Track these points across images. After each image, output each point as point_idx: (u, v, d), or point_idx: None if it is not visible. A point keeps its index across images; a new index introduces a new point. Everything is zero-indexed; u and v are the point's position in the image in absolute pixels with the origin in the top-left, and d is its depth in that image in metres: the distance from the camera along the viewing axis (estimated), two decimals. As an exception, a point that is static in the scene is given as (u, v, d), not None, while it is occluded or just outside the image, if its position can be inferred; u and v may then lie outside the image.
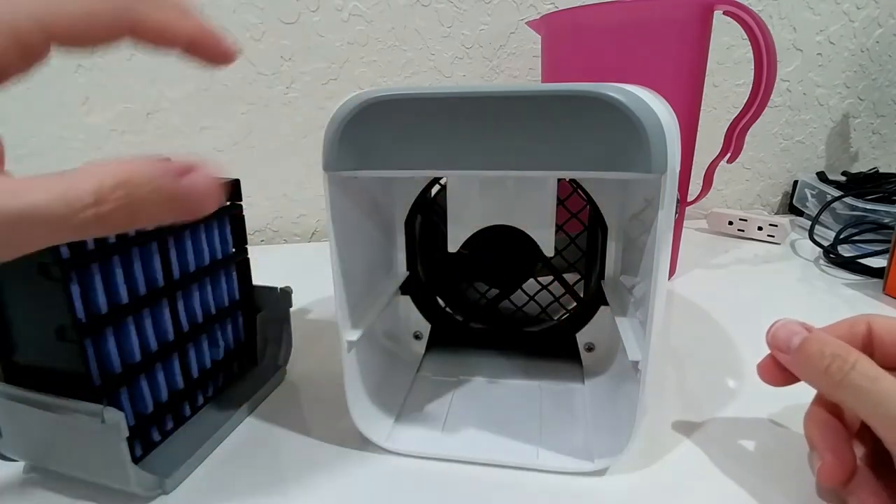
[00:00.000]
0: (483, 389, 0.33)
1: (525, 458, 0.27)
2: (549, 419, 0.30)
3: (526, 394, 0.32)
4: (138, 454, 0.27)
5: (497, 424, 0.30)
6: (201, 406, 0.31)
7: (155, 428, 0.28)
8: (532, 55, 0.64)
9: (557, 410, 0.31)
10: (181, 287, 0.28)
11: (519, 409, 0.31)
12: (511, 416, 0.30)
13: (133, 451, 0.25)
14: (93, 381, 0.24)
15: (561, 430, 0.29)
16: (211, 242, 0.31)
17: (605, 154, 0.21)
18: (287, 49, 0.61)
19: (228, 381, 0.33)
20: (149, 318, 0.27)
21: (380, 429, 0.29)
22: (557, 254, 0.35)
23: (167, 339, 0.28)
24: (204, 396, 0.31)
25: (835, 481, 0.22)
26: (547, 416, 0.30)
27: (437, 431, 0.29)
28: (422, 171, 0.24)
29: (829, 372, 0.21)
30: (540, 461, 0.27)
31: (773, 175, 0.77)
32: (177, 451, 0.28)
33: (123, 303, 0.25)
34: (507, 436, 0.29)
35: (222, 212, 0.31)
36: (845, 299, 0.46)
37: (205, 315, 0.30)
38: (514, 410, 0.31)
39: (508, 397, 0.32)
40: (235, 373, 0.34)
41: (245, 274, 0.33)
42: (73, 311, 0.22)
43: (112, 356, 0.25)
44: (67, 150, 0.60)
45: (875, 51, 0.72)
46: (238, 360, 0.34)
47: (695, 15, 0.42)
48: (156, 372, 0.27)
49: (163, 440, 0.28)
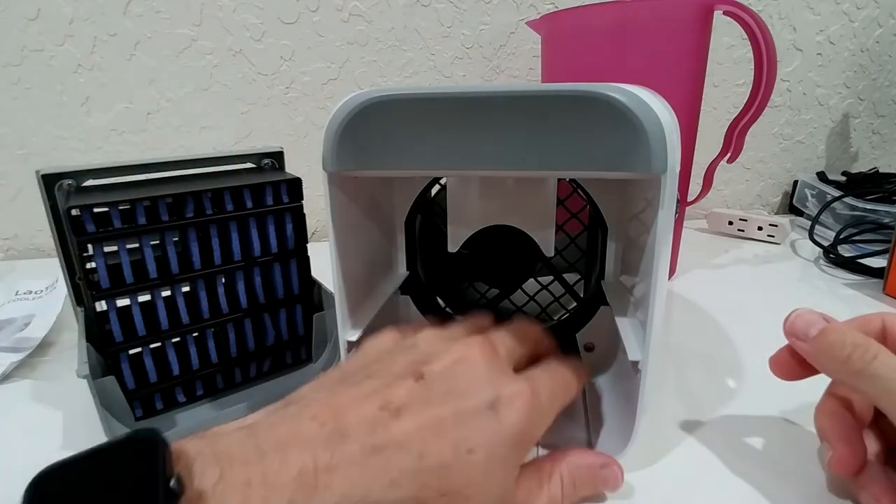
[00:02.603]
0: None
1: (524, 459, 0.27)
2: (549, 419, 0.30)
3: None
4: (159, 408, 0.31)
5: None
6: (240, 384, 0.34)
7: (180, 390, 0.31)
8: (532, 55, 0.64)
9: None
10: (224, 271, 0.31)
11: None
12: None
13: (154, 405, 0.31)
14: (114, 337, 0.28)
15: (561, 430, 0.29)
16: (265, 236, 0.32)
17: (605, 154, 0.21)
18: (287, 49, 0.61)
19: (277, 370, 0.35)
20: (180, 294, 0.30)
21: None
22: (557, 254, 0.35)
23: (202, 315, 0.31)
24: (244, 376, 0.34)
25: (846, 471, 0.23)
26: (547, 416, 0.30)
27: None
28: (422, 171, 0.24)
29: (850, 360, 0.21)
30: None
31: (773, 175, 0.77)
32: (198, 415, 0.31)
33: (152, 277, 0.29)
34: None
35: (283, 209, 0.32)
36: (845, 299, 0.46)
37: (251, 301, 0.32)
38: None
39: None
40: (290, 364, 0.35)
41: (305, 270, 0.34)
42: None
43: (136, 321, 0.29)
44: (67, 150, 0.60)
45: (875, 51, 0.72)
46: (294, 352, 0.35)
47: (695, 15, 0.42)
48: (187, 342, 0.31)
49: (188, 403, 0.32)
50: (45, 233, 0.38)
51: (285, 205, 0.32)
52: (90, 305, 0.29)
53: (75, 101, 0.59)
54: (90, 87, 0.58)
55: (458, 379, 0.21)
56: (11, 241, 0.64)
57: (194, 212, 0.29)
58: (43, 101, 0.58)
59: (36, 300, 0.45)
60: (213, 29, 0.58)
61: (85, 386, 0.26)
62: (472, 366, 0.21)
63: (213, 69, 0.60)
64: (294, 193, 0.32)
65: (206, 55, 0.59)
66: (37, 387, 0.35)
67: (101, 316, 0.28)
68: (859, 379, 0.21)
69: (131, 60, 0.58)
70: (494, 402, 0.20)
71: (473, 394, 0.20)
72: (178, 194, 0.28)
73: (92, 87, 0.58)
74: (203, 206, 0.29)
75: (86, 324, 0.29)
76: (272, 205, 0.31)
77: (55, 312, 0.42)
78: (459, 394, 0.20)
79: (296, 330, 0.35)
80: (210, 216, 0.30)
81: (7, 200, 0.61)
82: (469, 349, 0.22)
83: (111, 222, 0.27)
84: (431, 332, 0.24)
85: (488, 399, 0.20)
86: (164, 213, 0.28)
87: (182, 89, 0.60)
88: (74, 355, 0.27)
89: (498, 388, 0.21)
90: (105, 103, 0.59)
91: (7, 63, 0.56)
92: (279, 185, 0.32)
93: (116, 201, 0.27)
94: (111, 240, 0.27)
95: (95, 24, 0.56)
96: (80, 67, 0.57)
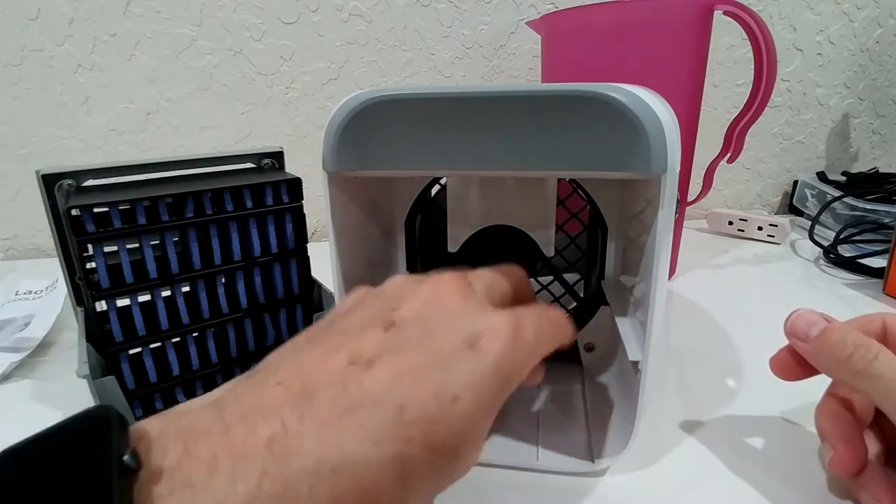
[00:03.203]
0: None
1: (525, 459, 0.27)
2: (549, 419, 0.30)
3: (525, 394, 0.32)
4: (159, 408, 0.31)
5: (496, 425, 0.29)
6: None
7: (180, 390, 0.31)
8: (532, 55, 0.64)
9: (557, 410, 0.31)
10: (224, 271, 0.31)
11: (519, 410, 0.31)
12: (511, 416, 0.30)
13: (154, 405, 0.31)
14: (114, 337, 0.28)
15: (561, 430, 0.29)
16: (265, 236, 0.32)
17: (605, 154, 0.21)
18: (287, 49, 0.61)
19: None
20: (180, 294, 0.30)
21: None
22: (557, 254, 0.35)
23: (202, 315, 0.31)
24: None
25: (846, 471, 0.23)
26: (547, 417, 0.30)
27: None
28: (422, 171, 0.24)
29: (851, 361, 0.21)
30: (540, 462, 0.27)
31: (773, 175, 0.77)
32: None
33: (152, 277, 0.29)
34: (506, 436, 0.28)
35: (283, 209, 0.32)
36: (845, 299, 0.46)
37: (251, 301, 0.32)
38: (513, 411, 0.31)
39: (508, 397, 0.32)
40: None
41: (305, 270, 0.34)
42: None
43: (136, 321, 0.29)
44: (67, 150, 0.60)
45: (875, 51, 0.72)
46: None
47: (695, 15, 0.42)
48: (187, 342, 0.31)
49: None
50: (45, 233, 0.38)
51: (285, 205, 0.32)
52: (90, 305, 0.29)
53: (75, 101, 0.59)
54: (90, 87, 0.58)
55: (432, 319, 0.19)
56: (11, 241, 0.64)
57: (194, 212, 0.29)
58: (43, 101, 0.58)
59: (36, 300, 0.45)
60: (213, 29, 0.58)
61: (85, 386, 0.26)
62: (446, 302, 0.20)
63: (213, 69, 0.60)
64: (294, 193, 0.32)
65: (206, 55, 0.59)
66: (37, 387, 0.35)
67: (101, 316, 0.28)
68: (860, 379, 0.21)
69: (131, 60, 0.58)
70: (473, 337, 0.18)
71: (449, 332, 0.18)
72: (178, 194, 0.28)
73: (92, 87, 0.58)
74: (203, 206, 0.29)
75: (86, 324, 0.29)
76: (272, 205, 0.31)
77: (55, 312, 0.42)
78: (435, 336, 0.18)
79: (296, 330, 0.35)
80: (210, 216, 0.30)
81: (7, 200, 0.61)
82: (441, 286, 0.20)
83: (111, 222, 0.27)
84: (402, 277, 0.22)
85: (466, 335, 0.18)
86: (164, 213, 0.28)
87: (182, 89, 0.60)
88: (74, 355, 0.27)
89: (475, 322, 0.19)
90: (105, 103, 0.59)
91: (7, 63, 0.56)
92: (279, 185, 0.32)
93: (116, 201, 0.27)
94: (111, 240, 0.27)
95: (95, 24, 0.56)
96: (80, 67, 0.57)
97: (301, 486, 0.14)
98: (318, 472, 0.15)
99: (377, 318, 0.19)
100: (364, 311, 0.20)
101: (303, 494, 0.14)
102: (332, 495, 0.15)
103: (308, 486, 0.15)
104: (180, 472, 0.14)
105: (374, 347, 0.18)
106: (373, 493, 0.15)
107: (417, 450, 0.16)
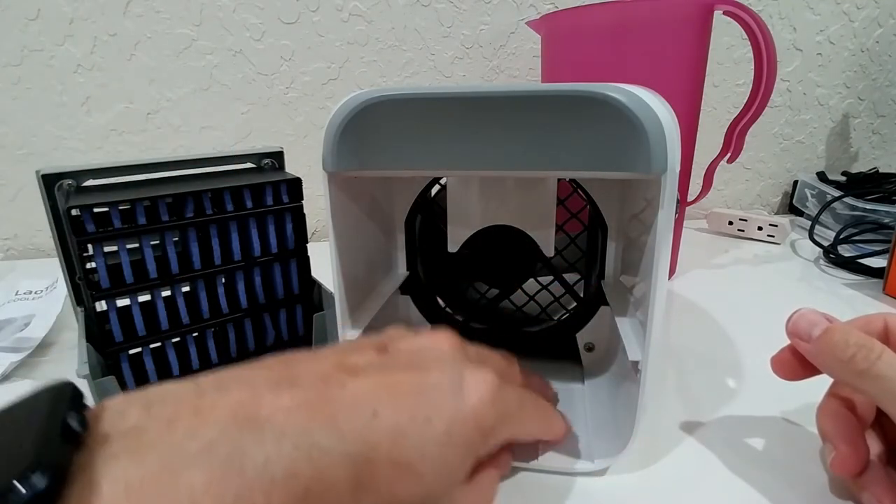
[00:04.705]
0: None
1: (525, 458, 0.27)
2: (549, 419, 0.30)
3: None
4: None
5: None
6: None
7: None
8: (532, 55, 0.64)
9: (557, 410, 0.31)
10: (224, 271, 0.31)
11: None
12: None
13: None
14: (114, 337, 0.28)
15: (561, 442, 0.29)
16: (265, 236, 0.32)
17: (605, 154, 0.21)
18: (287, 49, 0.61)
19: None
20: (180, 294, 0.30)
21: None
22: (557, 254, 0.35)
23: (202, 315, 0.31)
24: None
25: (848, 472, 0.23)
26: (547, 416, 0.30)
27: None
28: (422, 171, 0.24)
29: (853, 361, 0.21)
30: (540, 461, 0.26)
31: (773, 175, 0.77)
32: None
33: (152, 277, 0.29)
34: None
35: (283, 209, 0.32)
36: (845, 299, 0.46)
37: (251, 301, 0.32)
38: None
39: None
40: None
41: (305, 270, 0.34)
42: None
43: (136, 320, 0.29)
44: (67, 150, 0.60)
45: (875, 51, 0.72)
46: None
47: (695, 15, 0.42)
48: (187, 342, 0.31)
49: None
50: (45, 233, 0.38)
51: (285, 205, 0.32)
52: (90, 305, 0.29)
53: (75, 101, 0.59)
54: (90, 87, 0.58)
55: (423, 356, 0.20)
56: (11, 241, 0.64)
57: (194, 212, 0.29)
58: (43, 101, 0.58)
59: (36, 300, 0.45)
60: (213, 29, 0.58)
61: (85, 386, 0.26)
62: (439, 351, 0.20)
63: (213, 69, 0.60)
64: (294, 193, 0.32)
65: (206, 55, 0.59)
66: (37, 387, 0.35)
67: (101, 316, 0.28)
68: (862, 379, 0.21)
69: (131, 60, 0.58)
70: (458, 382, 0.19)
71: (437, 369, 0.19)
72: (178, 194, 0.28)
73: (92, 87, 0.58)
74: (203, 206, 0.29)
75: (86, 324, 0.29)
76: (272, 205, 0.31)
77: (55, 312, 0.42)
78: (423, 368, 0.19)
79: (296, 330, 0.35)
80: (210, 216, 0.30)
81: (7, 200, 0.61)
82: (437, 336, 0.21)
83: (111, 222, 0.27)
84: (402, 327, 0.23)
85: (451, 376, 0.19)
86: (164, 213, 0.28)
87: (182, 89, 0.60)
88: (74, 355, 0.27)
89: (463, 368, 0.19)
90: (105, 103, 0.59)
91: (7, 63, 0.56)
92: (279, 185, 0.32)
93: (116, 201, 0.27)
94: (111, 240, 0.27)
95: (95, 24, 0.56)
96: (80, 67, 0.57)
97: (257, 454, 0.14)
98: (279, 444, 0.15)
99: (372, 343, 0.20)
100: (361, 340, 0.22)
101: (258, 463, 0.14)
102: (286, 471, 0.14)
103: (264, 456, 0.14)
104: (134, 433, 0.14)
105: (362, 362, 0.19)
106: (327, 483, 0.15)
107: (381, 458, 0.16)
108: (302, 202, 0.33)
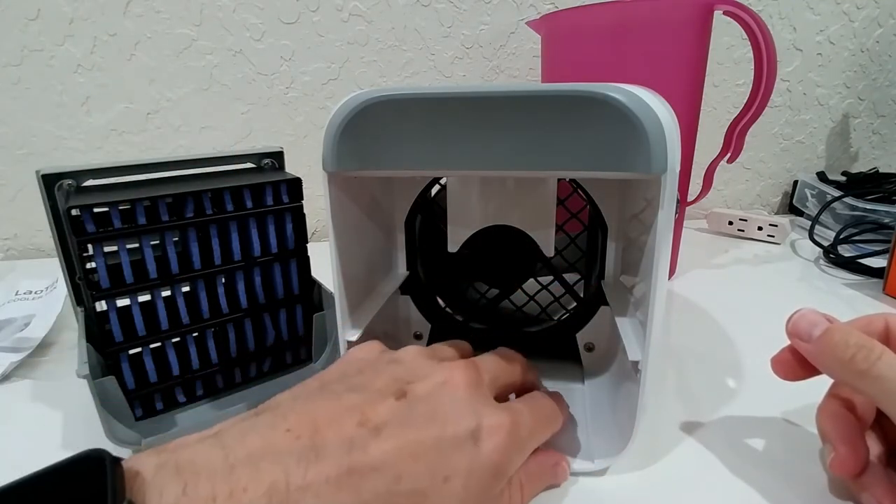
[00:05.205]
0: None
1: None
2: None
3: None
4: (159, 408, 0.31)
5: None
6: (240, 384, 0.34)
7: (180, 390, 0.32)
8: (532, 55, 0.64)
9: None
10: (224, 271, 0.31)
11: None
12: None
13: (154, 405, 0.31)
14: (114, 337, 0.28)
15: (561, 429, 0.29)
16: (265, 236, 0.32)
17: (605, 154, 0.21)
18: (287, 49, 0.61)
19: (277, 370, 0.35)
20: (180, 294, 0.30)
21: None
22: (557, 254, 0.35)
23: (202, 315, 0.31)
24: (243, 376, 0.34)
25: (848, 473, 0.23)
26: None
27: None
28: (422, 171, 0.24)
29: (853, 361, 0.21)
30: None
31: (773, 175, 0.77)
32: (198, 415, 0.31)
33: (152, 277, 0.29)
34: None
35: (283, 209, 0.32)
36: (845, 299, 0.46)
37: (251, 301, 0.32)
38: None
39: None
40: (290, 364, 0.35)
41: (305, 270, 0.34)
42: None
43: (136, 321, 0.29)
44: (67, 150, 0.60)
45: (875, 51, 0.72)
46: (294, 352, 0.35)
47: (695, 15, 0.42)
48: (187, 342, 0.31)
49: (188, 403, 0.32)
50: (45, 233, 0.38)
51: (285, 205, 0.32)
52: (90, 305, 0.29)
53: (75, 101, 0.59)
54: (90, 87, 0.58)
55: (441, 403, 0.21)
56: (11, 241, 0.64)
57: (194, 212, 0.29)
58: (43, 101, 0.58)
59: (36, 300, 0.45)
60: (213, 29, 0.58)
61: (85, 386, 0.26)
62: (455, 391, 0.21)
63: (213, 69, 0.60)
64: (294, 193, 0.32)
65: (206, 55, 0.59)
66: (37, 387, 0.35)
67: (101, 316, 0.28)
68: (862, 380, 0.21)
69: (131, 60, 0.58)
70: (475, 431, 0.20)
71: (455, 421, 0.20)
72: (178, 194, 0.28)
73: (92, 87, 0.58)
74: (203, 206, 0.29)
75: (86, 324, 0.29)
76: (272, 205, 0.31)
77: (55, 312, 0.42)
78: (441, 420, 0.20)
79: (296, 330, 0.35)
80: (210, 216, 0.30)
81: (7, 200, 0.61)
82: (453, 372, 0.22)
83: (111, 222, 0.27)
84: (416, 350, 0.24)
85: (469, 428, 0.20)
86: (164, 213, 0.28)
87: (182, 89, 0.60)
88: (74, 355, 0.27)
89: (480, 417, 0.21)
90: (105, 103, 0.59)
91: (7, 63, 0.56)
92: (279, 185, 0.32)
93: (116, 201, 0.27)
94: (111, 240, 0.27)
95: (95, 24, 0.56)
96: (80, 67, 0.57)
97: None
98: None
99: (391, 387, 0.21)
100: (379, 375, 0.22)
101: None
102: None
103: None
104: None
105: (384, 415, 0.19)
106: None
107: None
108: (302, 202, 0.33)
